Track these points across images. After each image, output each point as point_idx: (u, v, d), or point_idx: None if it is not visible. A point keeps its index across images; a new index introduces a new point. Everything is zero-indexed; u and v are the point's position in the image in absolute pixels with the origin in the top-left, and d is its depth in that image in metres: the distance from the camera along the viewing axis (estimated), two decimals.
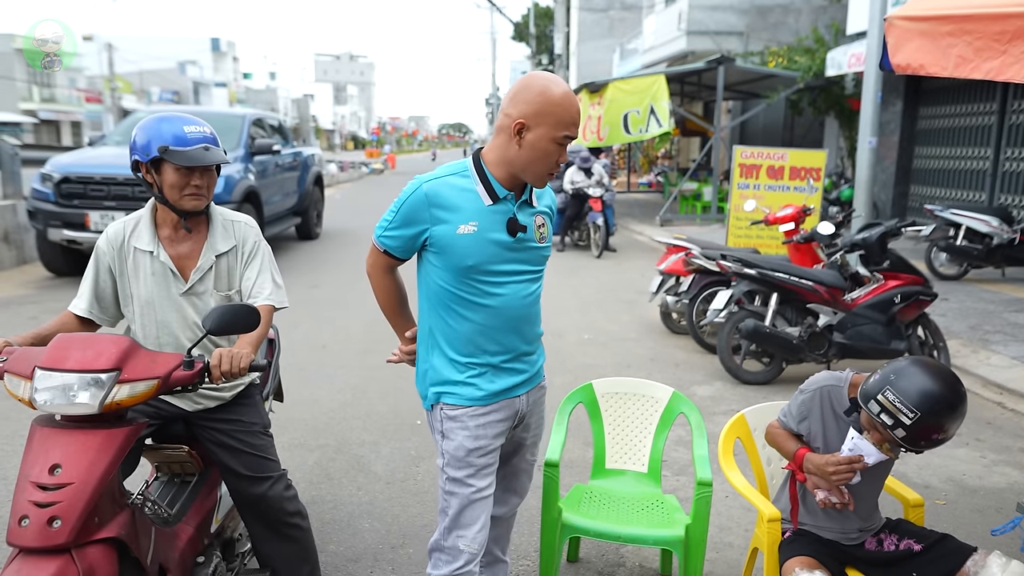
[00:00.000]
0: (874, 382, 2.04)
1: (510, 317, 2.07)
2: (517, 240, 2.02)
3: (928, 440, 2.00)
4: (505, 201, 2.02)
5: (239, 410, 2.36)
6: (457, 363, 2.09)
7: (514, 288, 2.05)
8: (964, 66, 2.46)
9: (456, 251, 2.00)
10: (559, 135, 1.94)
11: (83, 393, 1.75)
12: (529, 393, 2.19)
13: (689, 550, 2.51)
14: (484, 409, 2.08)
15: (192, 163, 2.14)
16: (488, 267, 2.01)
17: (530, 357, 2.18)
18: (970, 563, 2.06)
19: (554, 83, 1.95)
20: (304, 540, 2.43)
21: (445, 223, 1.99)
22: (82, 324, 2.26)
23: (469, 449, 2.07)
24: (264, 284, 2.33)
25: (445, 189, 2.01)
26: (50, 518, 1.65)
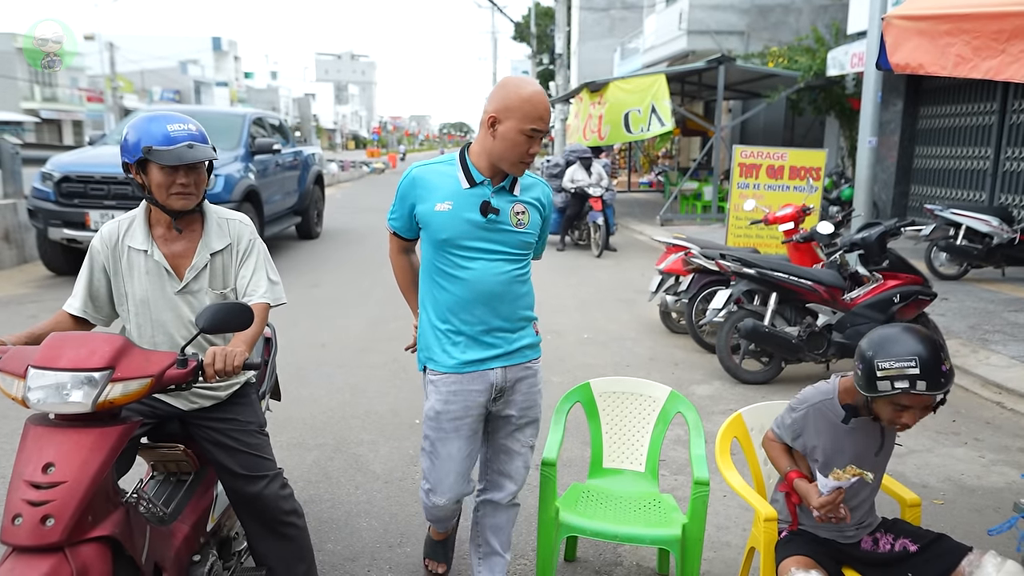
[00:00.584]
0: (864, 372, 2.05)
1: (482, 291, 2.30)
2: (489, 221, 2.27)
3: (943, 375, 1.99)
4: (481, 186, 2.29)
5: (235, 409, 2.36)
6: (438, 330, 2.37)
7: (485, 264, 2.29)
8: (963, 65, 2.45)
9: (433, 226, 2.29)
10: (527, 127, 2.18)
11: (76, 392, 1.74)
12: (507, 369, 2.38)
13: (686, 549, 2.50)
14: (456, 377, 2.34)
15: (174, 162, 2.13)
16: (461, 242, 2.28)
17: (506, 334, 2.37)
18: (965, 563, 2.06)
19: (524, 83, 2.22)
20: (300, 539, 2.43)
21: (426, 201, 2.31)
22: (77, 323, 2.26)
23: (438, 411, 2.37)
24: (259, 282, 2.33)
25: (430, 173, 2.34)
26: (43, 516, 1.64)
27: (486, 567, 2.61)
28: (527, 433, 2.51)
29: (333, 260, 10.18)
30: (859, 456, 2.30)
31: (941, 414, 4.68)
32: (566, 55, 28.78)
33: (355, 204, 18.69)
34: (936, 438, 4.34)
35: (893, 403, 2.04)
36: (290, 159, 10.90)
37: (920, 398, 2.00)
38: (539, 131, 2.20)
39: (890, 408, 2.06)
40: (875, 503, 2.35)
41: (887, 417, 2.10)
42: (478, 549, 2.63)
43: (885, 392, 2.00)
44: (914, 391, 1.97)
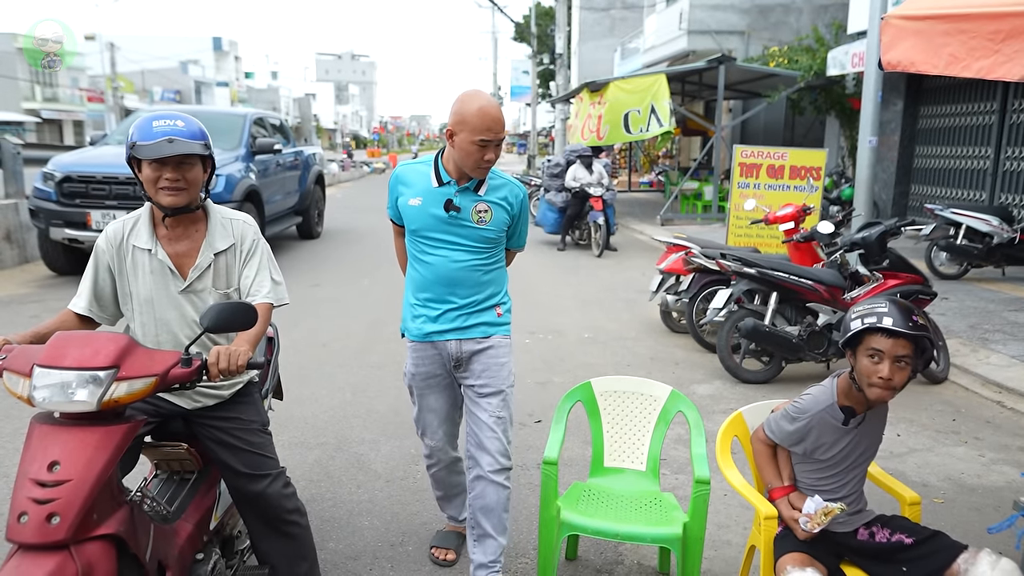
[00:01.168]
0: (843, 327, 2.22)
1: (442, 275, 2.66)
2: (451, 216, 2.60)
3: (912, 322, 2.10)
4: (447, 186, 2.61)
5: (238, 408, 2.37)
6: (411, 304, 2.77)
7: (447, 252, 2.64)
8: (955, 64, 2.46)
9: (407, 217, 2.68)
10: (476, 138, 2.48)
11: (81, 391, 1.76)
12: (462, 342, 2.70)
13: (687, 548, 2.51)
14: (421, 345, 2.75)
15: (152, 156, 2.13)
16: (426, 233, 2.64)
17: (463, 313, 2.70)
18: (961, 560, 2.07)
19: (474, 97, 2.51)
20: (303, 537, 2.44)
21: (403, 195, 2.69)
22: (82, 322, 2.27)
23: (412, 373, 2.80)
24: (263, 282, 2.34)
25: (410, 172, 2.70)
26: (49, 514, 1.66)
27: (480, 549, 2.70)
28: (493, 403, 2.69)
29: (334, 260, 10.20)
30: (860, 454, 2.33)
31: (941, 413, 4.70)
32: (566, 55, 28.79)
33: (356, 204, 18.71)
34: (936, 437, 4.35)
35: (867, 353, 2.13)
36: (291, 159, 10.92)
37: (891, 341, 2.09)
38: (488, 140, 2.48)
39: (867, 362, 2.13)
40: (873, 501, 2.37)
41: (866, 374, 2.14)
42: (472, 531, 2.74)
43: (856, 330, 2.13)
44: (881, 325, 2.07)
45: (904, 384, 2.15)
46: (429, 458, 2.94)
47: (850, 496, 2.31)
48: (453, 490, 3.03)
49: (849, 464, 2.31)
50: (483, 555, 2.68)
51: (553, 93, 33.98)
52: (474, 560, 2.69)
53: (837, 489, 2.30)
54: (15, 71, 39.15)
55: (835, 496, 2.28)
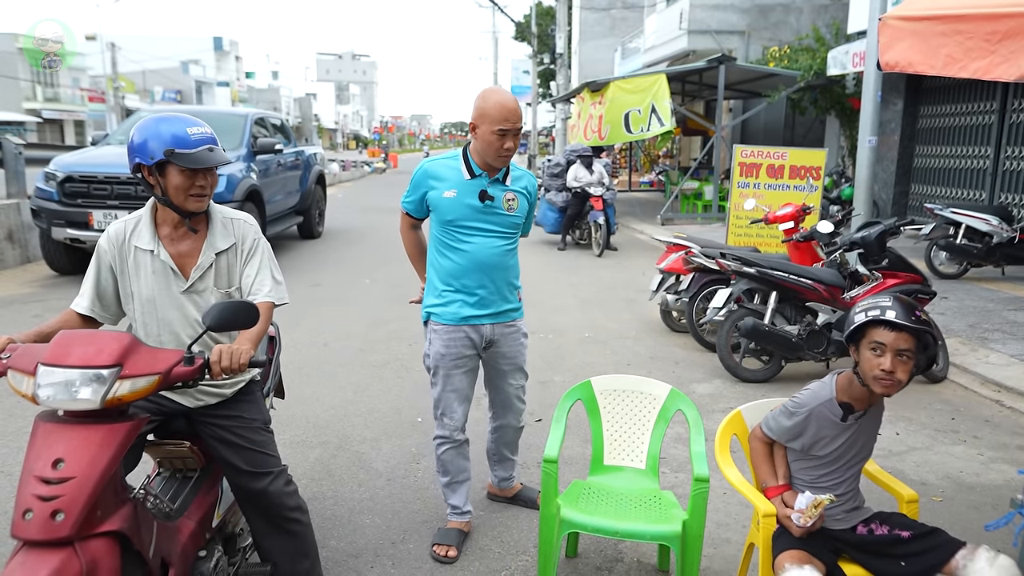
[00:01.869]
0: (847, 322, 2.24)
1: (479, 262, 2.86)
2: (486, 206, 2.83)
3: (915, 316, 2.14)
4: (479, 178, 2.84)
5: (240, 406, 2.39)
6: (440, 291, 2.93)
7: (482, 240, 2.86)
8: (952, 65, 2.48)
9: (441, 208, 2.86)
10: (496, 128, 2.72)
11: (85, 389, 1.77)
12: (495, 326, 2.96)
13: (686, 545, 2.53)
14: (453, 328, 2.91)
15: (198, 165, 2.16)
16: (462, 223, 2.84)
17: (495, 298, 2.93)
18: (959, 556, 2.09)
19: (492, 92, 2.78)
20: (305, 535, 2.46)
21: (435, 189, 2.87)
22: (84, 322, 2.29)
23: (442, 354, 2.93)
24: (264, 281, 2.36)
25: (439, 167, 2.90)
26: (53, 511, 1.67)
27: (500, 467, 3.36)
28: (516, 377, 3.12)
29: (335, 259, 10.21)
30: (857, 452, 2.35)
31: (940, 412, 4.72)
32: (567, 55, 28.81)
33: (357, 204, 18.72)
34: (935, 436, 4.36)
35: (869, 346, 2.15)
36: (292, 159, 10.93)
37: (894, 335, 2.12)
38: (507, 129, 2.72)
39: (869, 355, 2.16)
40: (872, 499, 2.38)
41: (869, 367, 2.16)
42: (493, 457, 3.35)
43: (859, 323, 2.16)
44: (883, 317, 2.11)
45: (909, 379, 2.17)
46: (444, 440, 3.03)
47: (846, 493, 2.33)
48: (460, 475, 3.11)
49: (846, 461, 2.33)
50: (503, 471, 3.36)
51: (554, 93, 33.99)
52: (496, 475, 3.40)
53: (834, 486, 2.32)
54: (16, 71, 39.19)
55: (832, 493, 2.29)
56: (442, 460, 3.07)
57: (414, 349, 5.90)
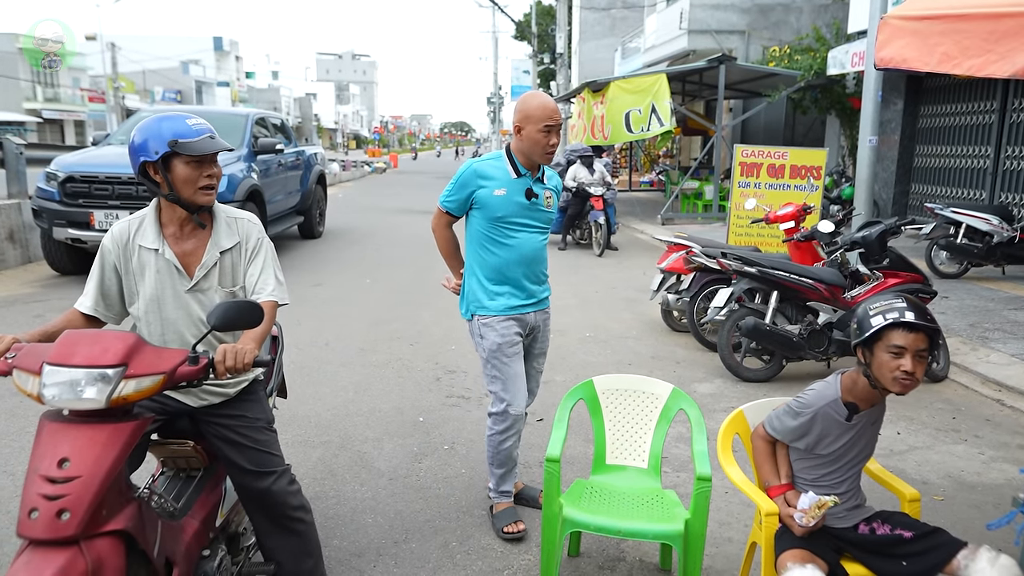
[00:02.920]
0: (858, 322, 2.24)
1: (524, 255, 3.06)
2: (531, 203, 3.04)
3: (928, 315, 2.17)
4: (524, 177, 3.04)
5: (243, 406, 2.39)
6: (486, 287, 3.09)
7: (527, 235, 3.06)
8: (947, 63, 2.48)
9: (491, 206, 3.01)
10: (542, 126, 2.95)
11: (90, 388, 1.78)
12: (536, 313, 3.18)
13: (688, 544, 2.53)
14: (504, 318, 3.08)
15: (202, 152, 2.19)
16: (511, 219, 3.02)
17: (536, 287, 3.15)
18: (960, 556, 2.09)
19: (533, 97, 3.02)
20: (308, 534, 2.47)
21: (485, 187, 3.02)
22: (88, 322, 2.29)
23: (499, 344, 3.07)
24: (267, 280, 2.36)
25: (486, 167, 3.05)
26: (59, 510, 1.68)
27: None
28: (540, 361, 3.34)
29: (335, 259, 10.22)
30: (860, 451, 2.36)
31: (941, 412, 4.72)
32: (567, 54, 28.79)
33: (358, 204, 18.72)
34: (936, 435, 4.37)
35: (888, 349, 2.14)
36: (292, 159, 10.93)
37: (912, 336, 2.12)
38: (552, 126, 2.95)
39: (888, 358, 2.15)
40: (874, 498, 2.39)
41: (888, 371, 2.15)
42: None
43: (879, 327, 2.15)
44: (904, 320, 2.11)
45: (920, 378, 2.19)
46: (509, 429, 3.12)
47: (848, 492, 2.34)
48: (512, 462, 3.24)
49: (848, 460, 2.34)
50: None
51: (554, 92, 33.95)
52: None
53: (836, 485, 2.33)
54: (16, 71, 39.18)
55: (834, 492, 2.30)
56: (502, 453, 3.17)
57: (415, 349, 5.90)
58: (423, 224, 14.54)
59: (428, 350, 5.89)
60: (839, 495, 2.30)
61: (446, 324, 6.69)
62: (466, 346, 6.01)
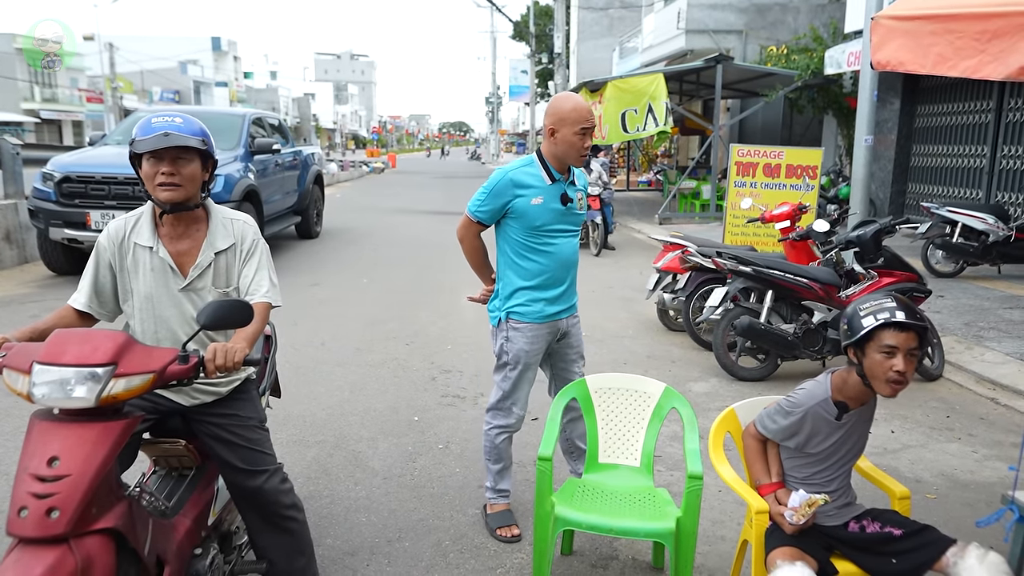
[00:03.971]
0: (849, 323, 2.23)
1: (563, 261, 3.05)
2: (567, 208, 3.01)
3: (918, 313, 2.19)
4: (558, 182, 3.00)
5: (235, 405, 2.40)
6: (523, 293, 3.05)
7: (565, 240, 3.05)
8: (942, 64, 2.50)
9: (530, 215, 2.96)
10: (578, 129, 2.91)
11: (80, 387, 1.78)
12: (567, 319, 3.17)
13: (680, 542, 2.54)
14: (538, 325, 3.07)
15: (147, 149, 2.17)
16: (550, 226, 2.99)
17: (570, 292, 3.15)
18: (950, 554, 2.11)
19: (566, 100, 2.98)
20: (300, 532, 2.47)
21: (523, 196, 2.96)
22: (81, 318, 2.30)
23: (526, 350, 3.07)
24: (261, 282, 2.37)
25: (520, 175, 2.99)
26: (48, 509, 1.68)
27: (579, 460, 3.29)
28: (580, 364, 3.31)
29: (332, 260, 10.22)
30: (850, 449, 2.37)
31: (936, 410, 4.73)
32: (565, 54, 28.81)
33: (355, 204, 18.72)
34: (930, 434, 4.37)
35: (880, 349, 2.15)
36: (289, 159, 10.93)
37: (904, 336, 2.13)
38: (587, 128, 2.92)
39: (880, 358, 2.15)
40: (860, 494, 2.40)
41: (880, 370, 2.16)
42: (570, 455, 3.40)
43: (870, 327, 2.14)
44: (895, 320, 2.12)
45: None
46: (505, 429, 3.19)
47: (839, 490, 2.35)
48: (509, 460, 3.28)
49: (839, 458, 2.35)
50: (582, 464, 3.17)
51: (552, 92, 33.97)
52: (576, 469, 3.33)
53: (826, 483, 2.34)
54: (14, 72, 39.15)
55: (825, 490, 2.31)
56: (499, 448, 3.21)
57: (411, 349, 5.91)
58: (421, 224, 14.56)
59: (424, 350, 5.89)
60: (829, 493, 2.31)
61: (442, 324, 6.70)
62: (462, 346, 6.02)
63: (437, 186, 26.65)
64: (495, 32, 55.59)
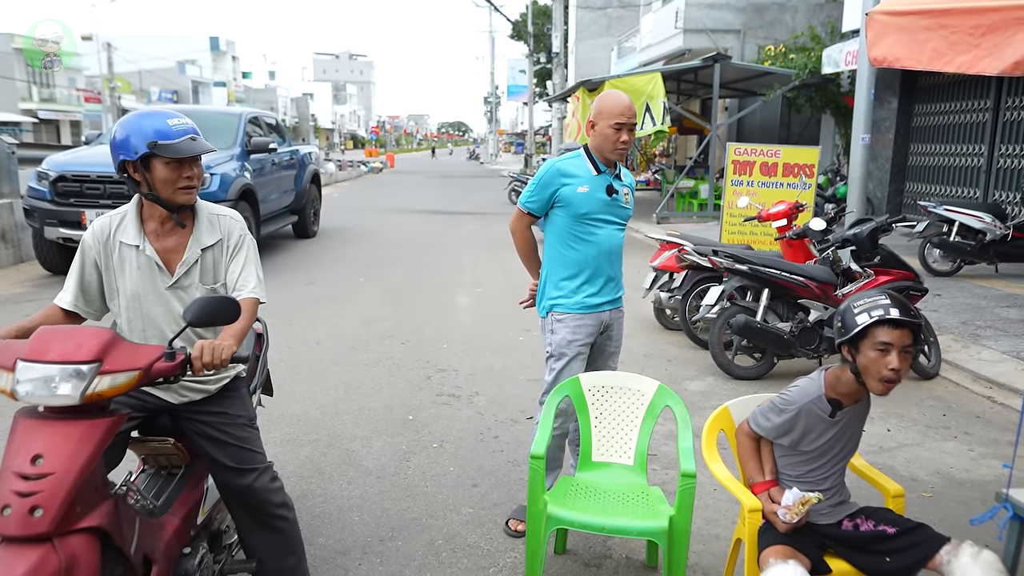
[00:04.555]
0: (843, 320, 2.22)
1: (605, 250, 3.09)
2: (612, 199, 3.07)
3: (912, 310, 2.18)
4: (604, 174, 3.07)
5: (224, 402, 2.38)
6: (562, 283, 3.10)
7: (608, 230, 3.09)
8: (938, 60, 2.48)
9: (576, 203, 3.03)
10: (612, 122, 2.97)
11: (64, 384, 1.76)
12: (611, 312, 3.17)
13: (673, 541, 2.52)
14: (580, 315, 3.08)
15: (182, 154, 2.16)
16: (594, 215, 3.05)
17: (614, 284, 3.17)
18: (943, 552, 2.09)
19: (608, 95, 3.06)
20: (290, 531, 2.45)
21: (569, 184, 3.04)
22: (67, 318, 2.28)
23: (569, 340, 3.09)
24: (248, 278, 2.35)
25: (568, 165, 3.07)
26: (32, 507, 1.66)
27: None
28: (615, 359, 3.31)
29: (329, 259, 10.20)
30: (843, 447, 2.36)
31: (932, 408, 4.72)
32: (563, 54, 28.80)
33: (353, 203, 18.70)
34: (926, 432, 4.36)
35: (875, 346, 2.13)
36: (286, 158, 10.91)
37: (898, 333, 2.12)
38: (623, 123, 2.95)
39: (875, 355, 2.14)
40: (854, 492, 2.38)
41: (875, 368, 2.14)
42: (575, 444, 3.19)
43: (864, 324, 2.13)
44: (889, 317, 2.11)
45: None
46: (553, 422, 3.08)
47: (832, 488, 2.34)
48: (554, 463, 3.22)
49: (832, 456, 2.33)
50: None
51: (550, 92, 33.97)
52: None
53: (820, 481, 2.32)
54: (12, 72, 39.10)
55: (818, 488, 2.30)
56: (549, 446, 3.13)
57: (406, 348, 5.89)
58: (418, 224, 14.55)
59: (419, 348, 5.88)
60: (823, 491, 2.29)
61: (438, 323, 6.68)
62: (457, 345, 6.00)
63: (435, 186, 26.64)
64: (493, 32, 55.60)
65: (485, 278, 8.76)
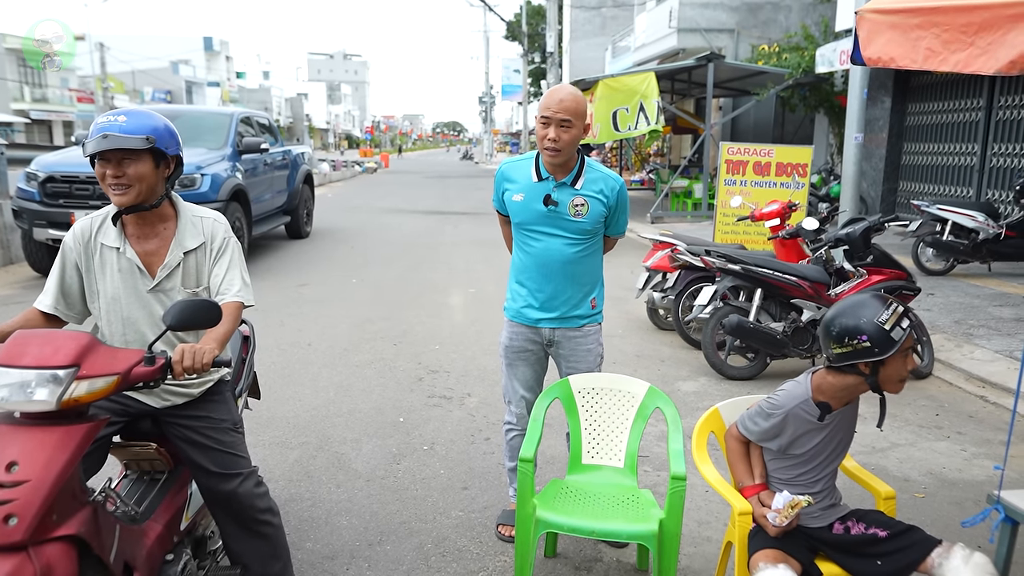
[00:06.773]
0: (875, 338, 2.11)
1: (544, 264, 2.87)
2: (549, 210, 2.80)
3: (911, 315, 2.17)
4: (545, 181, 2.81)
5: (208, 406, 2.34)
6: (513, 288, 3.02)
7: (547, 242, 2.84)
8: (932, 58, 2.46)
9: (512, 211, 2.90)
10: (540, 115, 2.70)
11: (40, 390, 1.73)
12: (555, 330, 2.96)
13: (663, 544, 2.50)
14: (515, 324, 3.01)
15: (89, 152, 2.13)
16: (529, 225, 2.86)
17: (563, 302, 2.91)
18: (935, 554, 2.07)
19: (551, 89, 2.75)
20: (276, 537, 2.42)
21: (508, 191, 2.90)
22: (47, 320, 2.24)
23: (505, 345, 3.05)
24: (233, 281, 2.31)
25: (513, 168, 2.92)
26: (6, 516, 1.63)
27: None
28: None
29: (322, 260, 10.15)
30: (833, 449, 2.34)
31: (925, 408, 4.71)
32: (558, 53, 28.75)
33: (346, 204, 18.64)
34: (919, 432, 4.35)
35: (903, 354, 2.13)
36: (279, 158, 10.86)
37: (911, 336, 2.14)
38: (548, 117, 2.67)
39: (901, 362, 2.14)
40: (845, 494, 2.36)
41: (899, 374, 2.15)
42: None
43: (901, 339, 2.09)
44: (911, 320, 2.12)
45: None
46: (512, 427, 3.14)
47: (823, 491, 2.31)
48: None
49: (822, 459, 2.31)
50: None
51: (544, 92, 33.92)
52: None
53: (811, 484, 2.30)
54: (3, 72, 38.92)
55: (809, 491, 2.27)
56: (510, 446, 3.14)
57: (398, 349, 5.86)
58: (411, 224, 14.50)
59: (411, 349, 5.84)
60: (814, 494, 2.27)
61: (430, 324, 6.65)
62: (449, 346, 5.97)
63: (429, 186, 26.58)
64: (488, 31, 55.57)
65: (478, 279, 8.73)
